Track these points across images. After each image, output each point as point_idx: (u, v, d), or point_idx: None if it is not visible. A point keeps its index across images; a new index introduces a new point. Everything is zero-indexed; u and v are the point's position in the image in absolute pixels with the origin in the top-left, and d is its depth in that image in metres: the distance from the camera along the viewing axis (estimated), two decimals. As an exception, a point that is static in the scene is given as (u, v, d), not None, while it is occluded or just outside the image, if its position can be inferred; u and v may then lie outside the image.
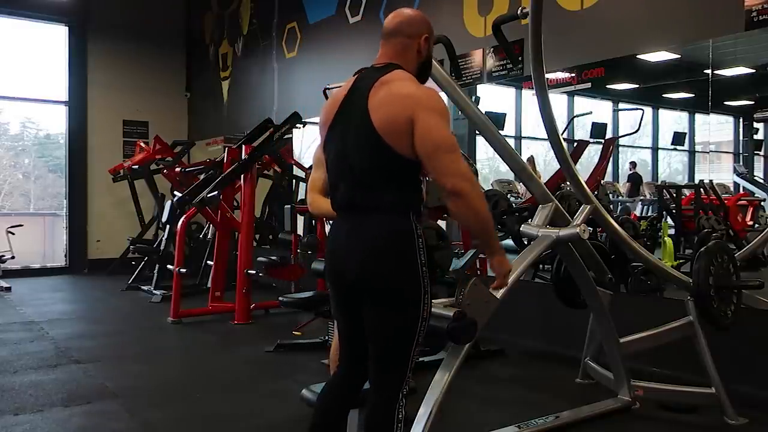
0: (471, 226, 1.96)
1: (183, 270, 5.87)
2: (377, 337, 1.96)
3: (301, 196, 7.61)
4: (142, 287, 7.43)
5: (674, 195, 6.35)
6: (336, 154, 2.02)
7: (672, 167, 10.94)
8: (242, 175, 5.91)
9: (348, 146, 1.98)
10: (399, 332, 1.93)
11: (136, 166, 8.48)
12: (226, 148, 6.54)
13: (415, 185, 1.96)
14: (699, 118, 9.33)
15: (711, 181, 6.63)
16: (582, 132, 7.73)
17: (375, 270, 1.92)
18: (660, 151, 10.48)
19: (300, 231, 6.39)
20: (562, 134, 3.31)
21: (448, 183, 1.86)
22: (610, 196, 7.56)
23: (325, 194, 2.40)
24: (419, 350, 1.97)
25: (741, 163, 8.46)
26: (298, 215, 6.05)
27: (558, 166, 4.85)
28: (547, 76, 2.94)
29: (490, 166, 9.54)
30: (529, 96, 7.88)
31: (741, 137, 8.82)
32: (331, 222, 2.15)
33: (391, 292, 1.92)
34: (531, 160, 7.20)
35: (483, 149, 8.24)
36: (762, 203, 7.29)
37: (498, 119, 6.77)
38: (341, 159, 2.00)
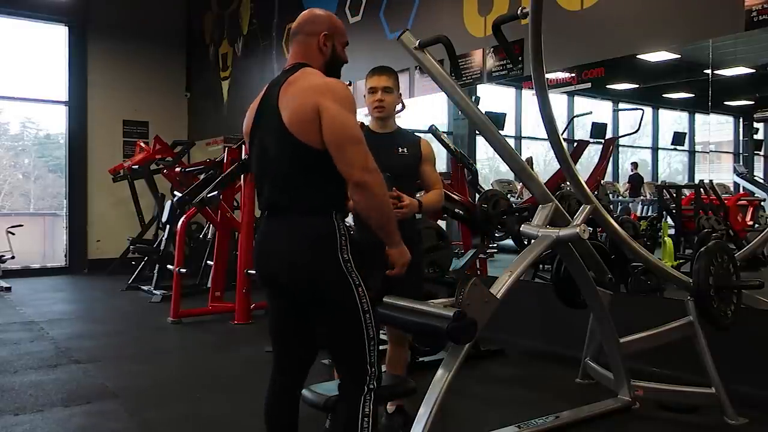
0: (373, 218, 1.94)
1: (183, 270, 5.87)
2: (327, 338, 2.00)
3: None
4: (142, 287, 7.43)
5: (674, 195, 6.36)
6: (257, 160, 2.06)
7: (672, 167, 10.94)
8: (242, 175, 5.91)
9: (266, 150, 2.01)
10: (343, 330, 1.95)
11: (136, 166, 8.48)
12: (226, 148, 6.54)
13: (336, 183, 1.94)
14: (699, 118, 9.34)
15: (711, 181, 6.63)
16: (582, 132, 7.73)
17: (300, 273, 1.93)
18: (660, 151, 10.49)
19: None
20: (562, 134, 3.31)
21: (353, 175, 1.86)
22: (610, 196, 7.57)
23: None
24: (374, 342, 1.98)
25: (741, 163, 8.46)
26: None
27: (558, 166, 4.85)
28: (547, 76, 2.93)
29: (490, 166, 9.55)
30: (529, 96, 7.89)
31: (741, 137, 8.82)
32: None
33: (320, 293, 1.93)
34: (529, 161, 7.20)
35: (483, 149, 8.26)
36: (762, 203, 7.29)
37: (498, 119, 6.77)
38: (262, 163, 2.04)
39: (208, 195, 5.65)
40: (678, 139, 9.79)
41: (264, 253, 2.04)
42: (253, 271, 5.80)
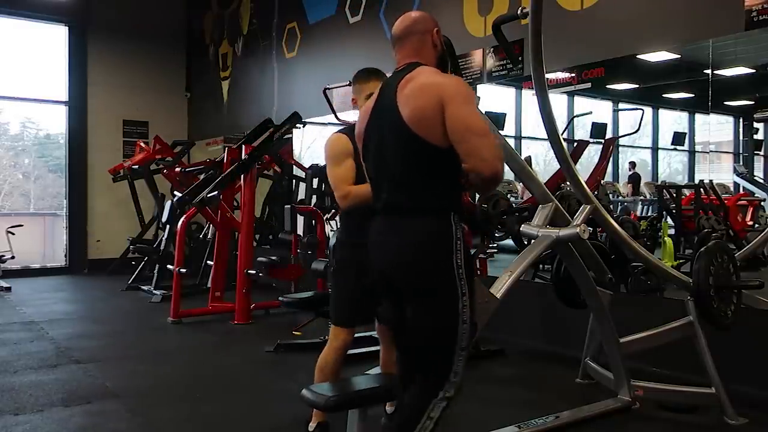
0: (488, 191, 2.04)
1: (183, 270, 5.87)
2: (416, 337, 2.00)
3: (301, 196, 7.61)
4: (142, 287, 7.43)
5: (674, 195, 6.35)
6: (375, 161, 2.09)
7: (672, 167, 10.93)
8: (242, 175, 5.91)
9: (385, 150, 2.04)
10: (438, 334, 1.96)
11: (136, 166, 8.48)
12: (226, 148, 6.54)
13: (454, 184, 1.98)
14: (699, 118, 9.33)
15: (711, 181, 6.63)
16: (582, 132, 7.73)
17: (410, 271, 1.97)
18: (660, 151, 10.48)
19: (300, 231, 6.40)
20: (562, 134, 3.31)
21: (484, 167, 1.87)
22: (610, 196, 7.56)
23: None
24: (465, 352, 1.98)
25: (741, 163, 8.45)
26: (298, 215, 6.05)
27: (558, 166, 4.85)
28: (547, 76, 2.93)
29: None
30: (529, 96, 7.88)
31: (741, 137, 8.81)
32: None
33: (425, 293, 1.95)
34: (527, 160, 7.20)
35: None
36: (762, 203, 7.29)
37: (498, 119, 6.77)
38: (380, 164, 2.07)
39: (208, 195, 5.65)
40: (678, 139, 9.78)
41: (379, 251, 2.07)
42: (252, 271, 5.83)
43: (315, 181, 6.71)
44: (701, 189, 6.37)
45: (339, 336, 2.81)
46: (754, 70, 6.91)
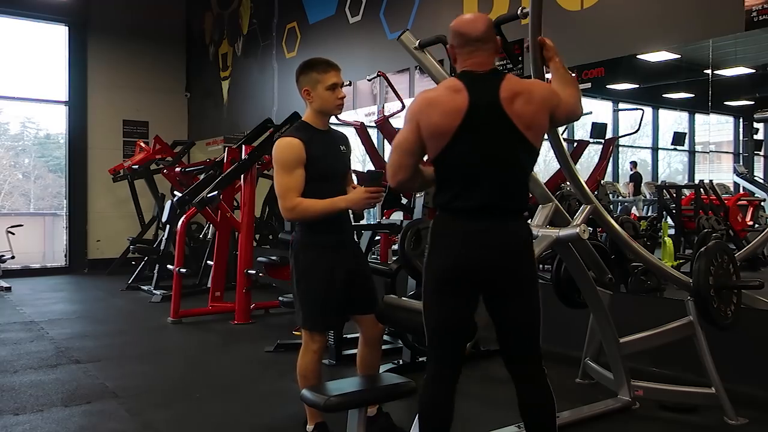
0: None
1: (183, 270, 5.88)
2: (526, 324, 2.21)
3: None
4: (142, 287, 7.43)
5: (674, 195, 6.35)
6: (472, 160, 2.10)
7: (672, 167, 10.92)
8: (242, 175, 5.91)
9: (487, 151, 2.09)
10: (539, 315, 2.20)
11: (136, 166, 8.49)
12: (226, 148, 6.54)
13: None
14: (699, 118, 9.31)
15: (711, 181, 6.62)
16: (582, 132, 7.72)
17: (519, 268, 2.16)
18: (660, 151, 10.47)
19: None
20: (562, 134, 3.31)
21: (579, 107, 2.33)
22: (610, 196, 7.56)
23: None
24: None
25: (741, 163, 8.44)
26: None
27: (558, 166, 4.84)
28: (547, 76, 2.93)
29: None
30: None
31: (741, 137, 8.80)
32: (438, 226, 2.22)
33: (530, 284, 2.18)
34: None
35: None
36: (762, 203, 7.28)
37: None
38: (477, 164, 2.10)
39: (208, 195, 5.65)
40: (678, 139, 9.77)
41: (480, 251, 2.10)
42: (252, 271, 5.82)
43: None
44: (701, 189, 6.37)
45: (315, 340, 2.76)
46: (754, 70, 6.90)
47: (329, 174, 2.71)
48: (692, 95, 8.60)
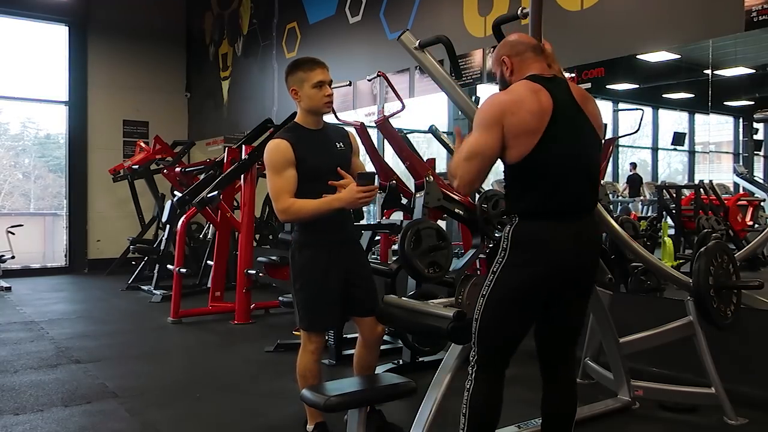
0: None
1: (183, 270, 5.88)
2: (578, 327, 2.29)
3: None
4: (142, 287, 7.43)
5: (674, 195, 6.36)
6: (562, 159, 2.08)
7: (672, 167, 10.92)
8: (242, 175, 5.91)
9: (579, 150, 2.12)
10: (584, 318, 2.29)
11: (136, 166, 8.48)
12: (226, 148, 6.54)
13: None
14: (699, 118, 9.32)
15: (711, 181, 6.63)
16: (582, 132, 7.72)
17: (596, 265, 2.25)
18: (660, 152, 10.47)
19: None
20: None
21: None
22: (610, 196, 7.55)
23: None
24: None
25: (741, 163, 8.45)
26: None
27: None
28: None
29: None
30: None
31: (741, 137, 8.80)
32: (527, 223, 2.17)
33: (591, 289, 2.28)
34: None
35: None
36: (762, 203, 7.28)
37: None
38: (570, 162, 2.09)
39: (208, 195, 5.65)
40: (678, 139, 9.77)
41: (577, 251, 2.11)
42: (252, 271, 5.82)
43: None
44: (701, 189, 6.37)
45: (313, 340, 2.75)
46: (754, 70, 6.91)
47: (321, 173, 2.65)
48: (692, 95, 8.61)
